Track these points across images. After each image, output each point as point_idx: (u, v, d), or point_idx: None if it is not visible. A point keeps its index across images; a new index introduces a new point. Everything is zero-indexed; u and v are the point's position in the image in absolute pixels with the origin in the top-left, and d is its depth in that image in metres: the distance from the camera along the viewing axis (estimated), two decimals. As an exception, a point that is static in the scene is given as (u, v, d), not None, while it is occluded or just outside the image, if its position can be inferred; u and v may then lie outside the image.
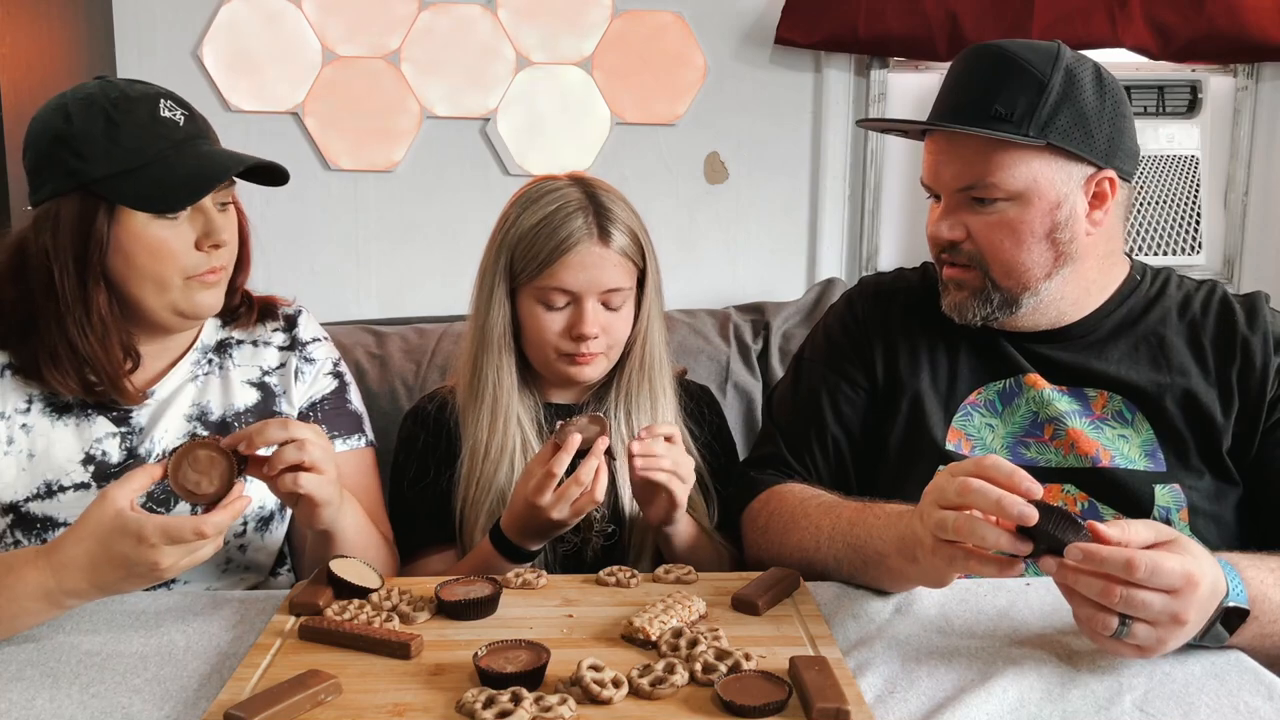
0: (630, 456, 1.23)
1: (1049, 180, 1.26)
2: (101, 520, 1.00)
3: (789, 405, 1.46)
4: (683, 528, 1.33)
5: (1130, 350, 1.33)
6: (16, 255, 1.25)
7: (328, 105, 2.36)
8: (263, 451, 1.12)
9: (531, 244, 1.36)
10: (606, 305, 1.38)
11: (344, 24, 2.34)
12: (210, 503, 1.05)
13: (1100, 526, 0.93)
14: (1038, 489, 0.95)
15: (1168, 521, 1.25)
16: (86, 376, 1.25)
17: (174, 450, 1.08)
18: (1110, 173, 1.28)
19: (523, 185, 1.45)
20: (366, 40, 2.35)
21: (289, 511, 1.40)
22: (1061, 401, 1.31)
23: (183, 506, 1.28)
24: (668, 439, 1.26)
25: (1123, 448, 1.29)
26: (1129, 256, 1.41)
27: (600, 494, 1.22)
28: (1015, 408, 1.33)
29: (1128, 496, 1.27)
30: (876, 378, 1.40)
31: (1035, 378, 1.33)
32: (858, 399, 1.40)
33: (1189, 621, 0.92)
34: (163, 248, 1.23)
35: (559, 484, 1.21)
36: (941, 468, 1.29)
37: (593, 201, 1.38)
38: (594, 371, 1.41)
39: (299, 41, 2.33)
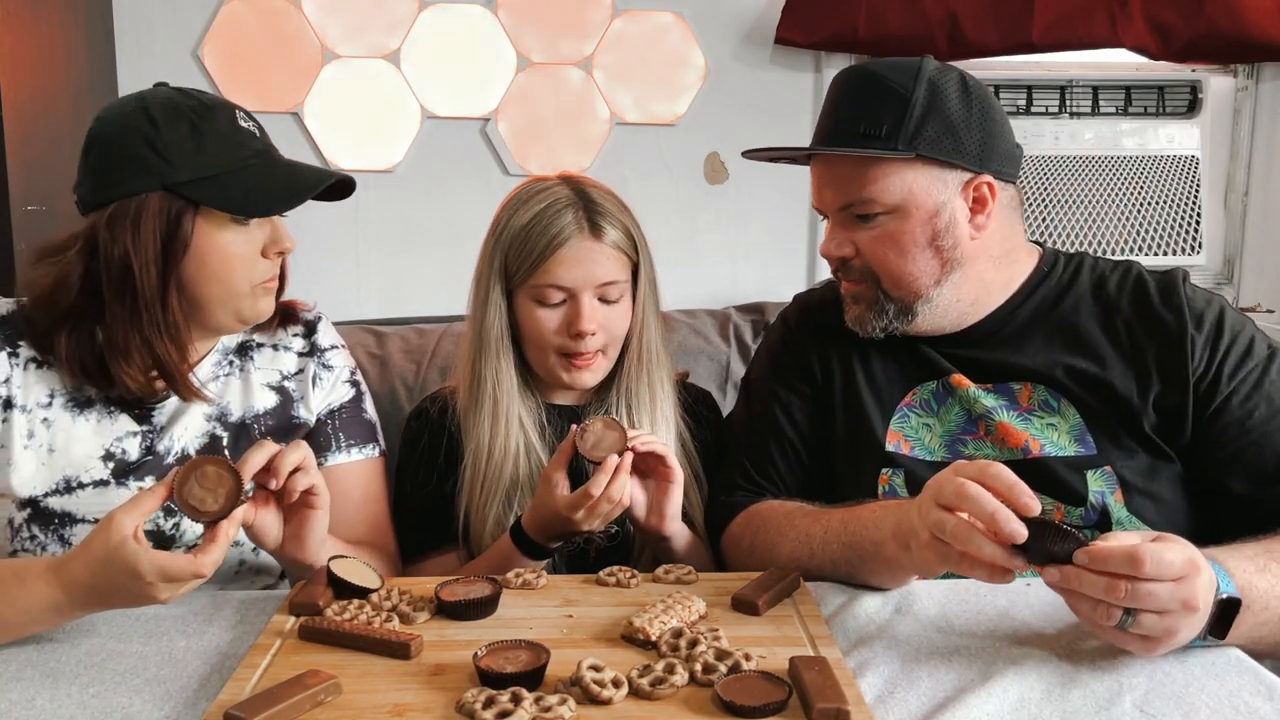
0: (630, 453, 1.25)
1: (924, 190, 1.28)
2: (107, 546, 1.00)
3: (745, 424, 1.48)
4: (679, 541, 1.34)
5: (1046, 340, 1.34)
6: (85, 251, 1.25)
7: (328, 105, 2.36)
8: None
9: (524, 243, 1.37)
10: (603, 300, 1.38)
11: (344, 24, 2.34)
12: (213, 520, 1.03)
13: (1093, 549, 0.94)
14: (1035, 505, 0.95)
15: (1104, 506, 1.26)
16: (151, 372, 1.28)
17: (183, 463, 1.07)
18: (987, 177, 1.30)
19: (514, 187, 1.45)
20: (366, 40, 2.35)
21: None
22: (988, 399, 1.33)
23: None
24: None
25: (1052, 435, 1.30)
26: (1040, 246, 1.42)
27: (627, 501, 1.25)
28: (948, 407, 1.35)
29: (1060, 483, 1.27)
30: (817, 382, 1.43)
31: (960, 378, 1.35)
32: (805, 405, 1.43)
33: (1200, 608, 0.93)
34: (236, 254, 1.26)
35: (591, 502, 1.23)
36: (885, 470, 1.33)
37: (582, 197, 1.38)
38: (593, 377, 1.42)
39: (299, 41, 2.33)
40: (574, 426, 1.27)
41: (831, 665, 0.92)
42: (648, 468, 1.30)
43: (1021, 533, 0.94)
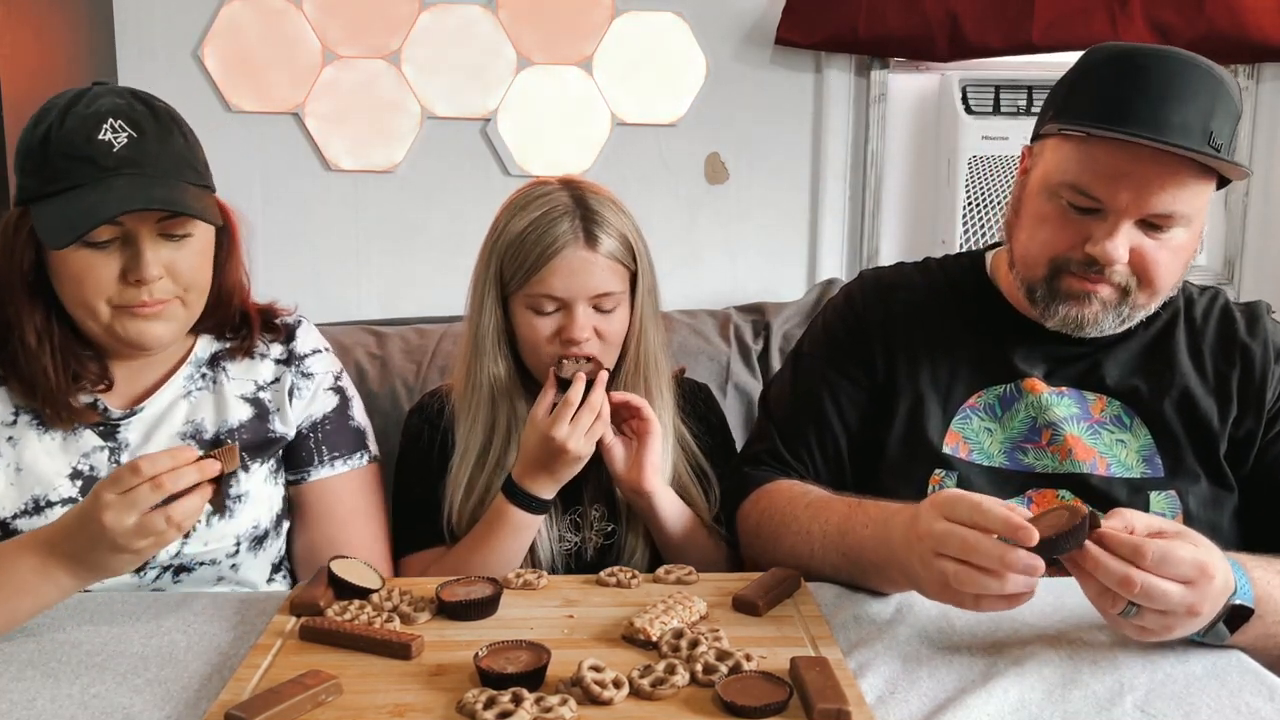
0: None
1: (1204, 206, 1.22)
2: (83, 506, 1.03)
3: (787, 401, 1.43)
4: (663, 500, 1.34)
5: (1133, 356, 1.32)
6: None
7: (328, 106, 2.36)
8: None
9: (519, 250, 1.35)
10: (598, 309, 1.37)
11: (344, 24, 2.34)
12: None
13: (1101, 530, 0.93)
14: (1033, 535, 0.92)
15: None
16: (32, 393, 1.23)
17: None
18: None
19: (515, 190, 1.44)
20: (367, 40, 2.35)
21: (285, 526, 1.38)
22: (1060, 406, 1.30)
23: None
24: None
25: (1119, 453, 1.29)
26: None
27: (608, 417, 1.29)
28: (1014, 413, 1.32)
29: (1123, 504, 1.25)
30: (877, 376, 1.37)
31: (1034, 382, 1.31)
32: (858, 397, 1.38)
33: (1203, 614, 0.93)
34: (84, 275, 1.17)
35: (573, 414, 1.27)
36: (939, 471, 1.30)
37: (580, 205, 1.37)
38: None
39: (299, 42, 2.33)
40: (555, 365, 1.33)
41: (832, 665, 0.92)
42: (624, 419, 1.34)
43: (1039, 566, 0.92)
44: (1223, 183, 1.23)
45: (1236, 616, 0.98)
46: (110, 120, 1.16)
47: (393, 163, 2.39)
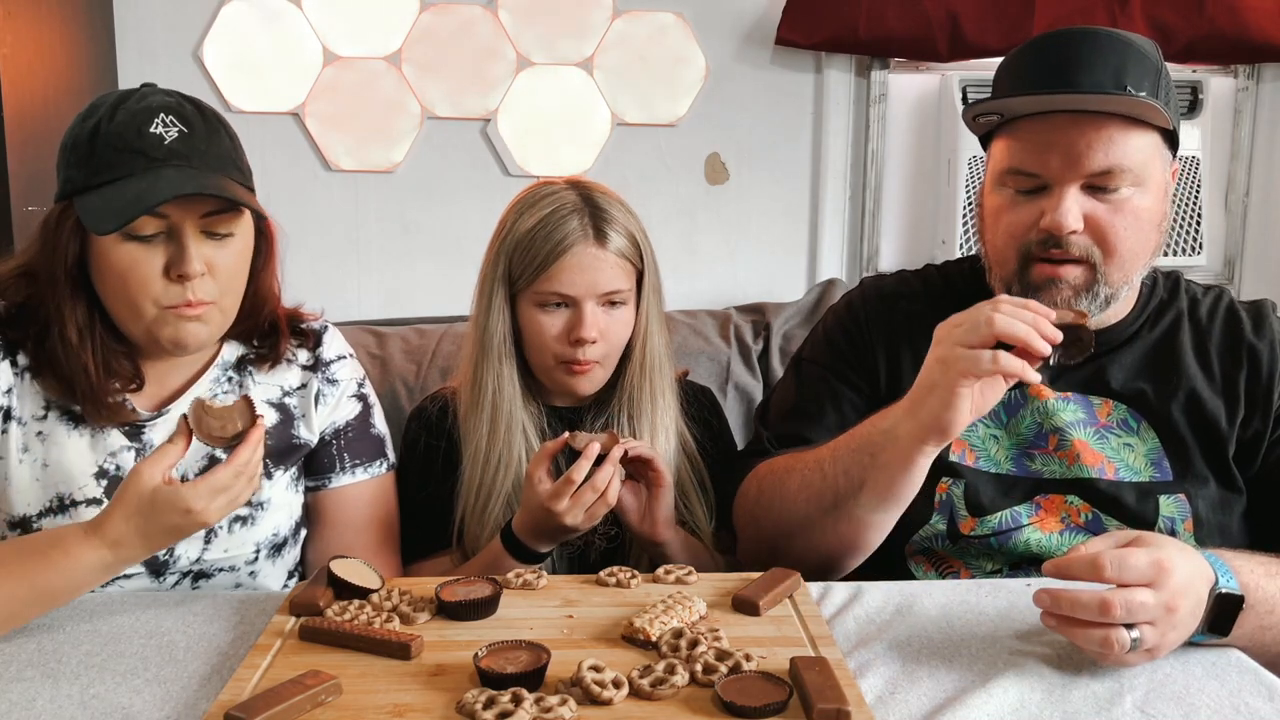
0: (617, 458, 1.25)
1: (1158, 165, 1.23)
2: (141, 497, 1.04)
3: (789, 408, 1.42)
4: (675, 549, 1.33)
5: (1138, 359, 1.32)
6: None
7: (328, 106, 2.36)
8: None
9: (528, 248, 1.35)
10: (605, 308, 1.38)
11: (344, 24, 2.34)
12: (239, 438, 1.09)
13: (1056, 560, 0.96)
14: (1054, 331, 1.06)
15: (1172, 533, 1.24)
16: (69, 389, 1.23)
17: (185, 415, 1.10)
18: (1176, 163, 1.28)
19: (522, 190, 1.44)
20: (367, 41, 2.35)
21: (303, 534, 1.39)
22: (1066, 411, 1.30)
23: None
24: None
25: (1127, 457, 1.29)
26: None
27: (613, 499, 1.23)
28: (1020, 418, 1.32)
29: (1131, 508, 1.26)
30: (879, 384, 1.37)
31: (1040, 388, 1.30)
32: (861, 404, 1.37)
33: (1179, 609, 0.94)
34: (130, 271, 1.17)
35: (574, 491, 1.22)
36: (945, 479, 1.30)
37: (589, 204, 1.37)
38: (590, 384, 1.40)
39: (299, 42, 2.33)
40: (568, 433, 1.27)
41: (832, 665, 0.92)
42: (637, 472, 1.30)
43: (1056, 335, 1.06)
44: (1171, 140, 1.24)
45: (1230, 607, 0.98)
46: (161, 115, 1.17)
47: (393, 163, 2.39)
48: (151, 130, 1.16)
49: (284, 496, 1.34)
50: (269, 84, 2.34)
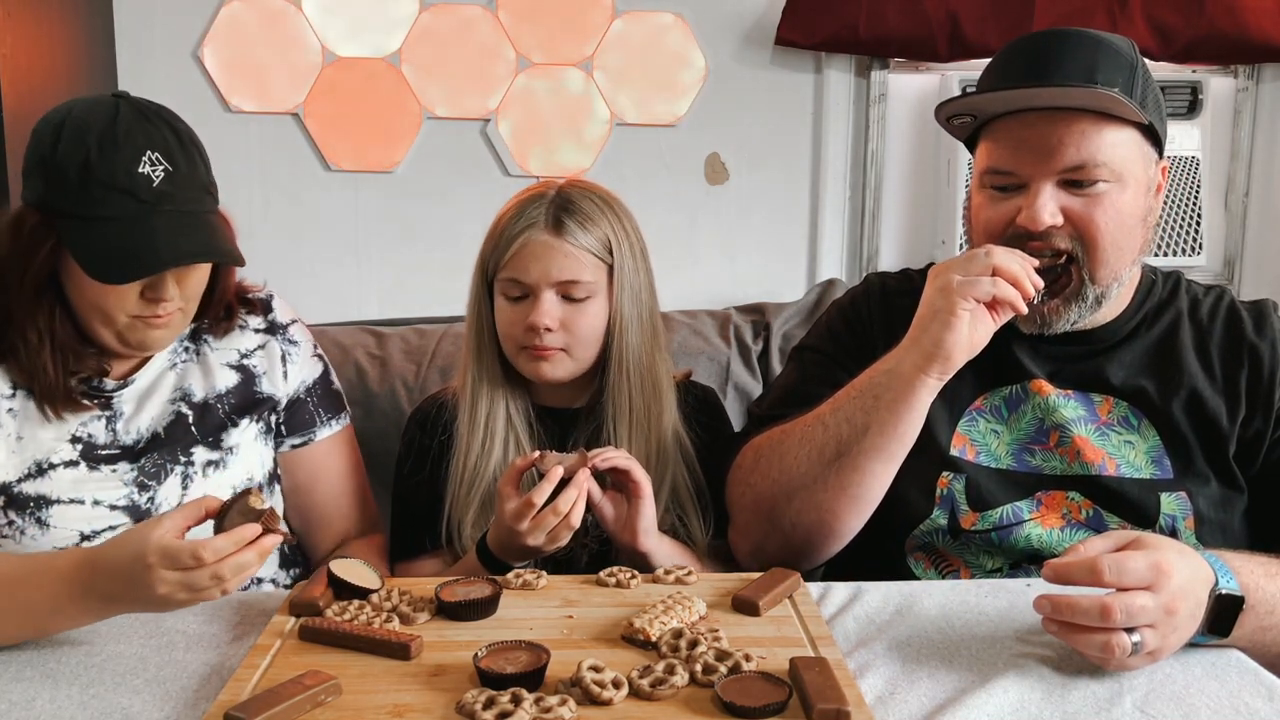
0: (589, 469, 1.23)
1: (1139, 161, 1.24)
2: (133, 535, 1.00)
3: (789, 389, 1.41)
4: (660, 558, 1.29)
5: (1138, 356, 1.32)
6: None
7: (328, 106, 2.36)
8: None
9: (496, 238, 1.38)
10: (566, 299, 1.36)
11: (344, 24, 2.34)
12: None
13: (1056, 560, 0.96)
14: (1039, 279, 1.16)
15: (1173, 531, 1.24)
16: (30, 380, 1.28)
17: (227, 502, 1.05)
18: (1165, 161, 1.29)
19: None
20: (367, 41, 2.35)
21: (275, 489, 1.44)
22: (1067, 408, 1.30)
23: None
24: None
25: (1128, 454, 1.29)
26: None
27: (576, 521, 1.21)
28: (1021, 414, 1.32)
29: (1133, 505, 1.26)
30: None
31: (1041, 384, 1.31)
32: None
33: (1179, 611, 0.94)
34: (109, 294, 1.23)
35: (537, 512, 1.20)
36: (946, 473, 1.30)
37: (560, 197, 1.38)
38: (553, 370, 1.38)
39: (299, 42, 2.33)
40: (537, 452, 1.26)
41: (832, 666, 0.92)
42: (616, 482, 1.28)
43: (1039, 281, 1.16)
44: (1153, 138, 1.25)
45: (1230, 608, 0.98)
46: (148, 153, 1.21)
47: (393, 163, 2.39)
48: (140, 170, 1.20)
49: (253, 445, 1.40)
50: (269, 84, 2.34)
